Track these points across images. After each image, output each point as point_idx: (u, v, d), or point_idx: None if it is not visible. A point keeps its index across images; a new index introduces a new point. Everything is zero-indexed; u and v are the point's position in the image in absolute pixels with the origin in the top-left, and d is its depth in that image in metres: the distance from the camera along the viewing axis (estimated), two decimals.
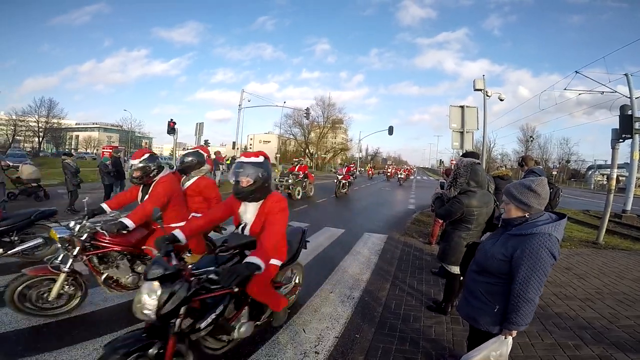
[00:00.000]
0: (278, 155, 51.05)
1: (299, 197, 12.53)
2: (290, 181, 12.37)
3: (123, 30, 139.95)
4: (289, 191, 12.36)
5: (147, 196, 3.29)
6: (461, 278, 3.35)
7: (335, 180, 14.88)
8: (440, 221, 6.22)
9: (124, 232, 3.03)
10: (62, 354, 2.49)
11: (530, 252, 1.71)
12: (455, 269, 3.25)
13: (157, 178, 3.33)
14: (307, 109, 33.73)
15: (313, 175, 14.44)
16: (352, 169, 18.21)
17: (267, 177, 2.51)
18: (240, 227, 2.63)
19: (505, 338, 1.84)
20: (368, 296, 3.97)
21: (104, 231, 2.97)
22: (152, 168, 3.31)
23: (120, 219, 3.03)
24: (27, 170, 9.49)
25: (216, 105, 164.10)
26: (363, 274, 4.72)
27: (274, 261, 2.68)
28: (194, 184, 3.70)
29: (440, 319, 3.39)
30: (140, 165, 3.26)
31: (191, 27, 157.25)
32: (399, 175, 28.25)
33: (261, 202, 2.56)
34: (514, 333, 1.83)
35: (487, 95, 9.53)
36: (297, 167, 13.40)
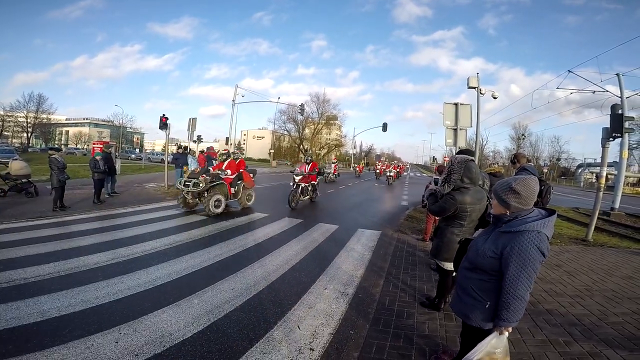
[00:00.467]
0: (272, 151, 50.78)
1: (219, 210, 8.07)
2: (201, 185, 7.96)
3: (118, 25, 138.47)
4: (202, 201, 8.18)
5: None
6: (454, 274, 3.39)
7: (292, 183, 10.32)
8: (433, 218, 6.26)
9: None
10: (53, 353, 2.46)
11: (519, 249, 1.73)
12: (449, 265, 3.27)
13: None
14: (302, 105, 33.64)
15: (252, 176, 10.09)
16: (317, 166, 11.94)
17: None
18: None
19: (500, 334, 1.85)
20: (362, 292, 3.99)
21: None
22: None
23: None
24: (16, 166, 9.32)
25: (210, 100, 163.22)
26: (357, 270, 4.74)
27: None
28: None
29: (434, 315, 3.41)
30: None
31: (186, 22, 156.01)
32: (388, 174, 23.58)
33: None
34: (510, 329, 1.85)
35: (481, 93, 9.61)
36: (225, 164, 9.05)
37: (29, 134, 53.79)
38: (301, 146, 62.50)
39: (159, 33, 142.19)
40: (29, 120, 52.21)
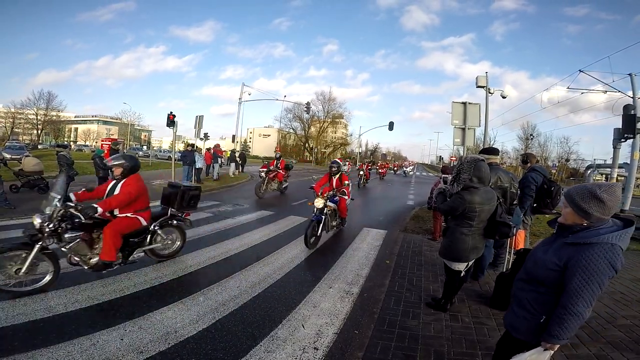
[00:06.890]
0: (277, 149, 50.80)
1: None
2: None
3: (144, 27, 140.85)
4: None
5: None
6: (462, 274, 3.35)
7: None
8: (440, 217, 6.20)
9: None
10: (59, 350, 2.47)
11: (587, 262, 1.55)
12: (457, 266, 3.23)
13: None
14: (308, 103, 33.59)
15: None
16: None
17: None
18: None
19: (544, 350, 1.68)
20: (367, 292, 3.97)
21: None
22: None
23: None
24: (29, 163, 9.46)
25: (221, 100, 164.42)
26: (362, 270, 4.72)
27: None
28: None
29: (439, 316, 3.38)
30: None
31: (209, 26, 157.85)
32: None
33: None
34: (556, 347, 1.67)
35: (490, 93, 9.50)
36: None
37: (39, 131, 54.53)
38: (307, 144, 62.57)
39: (182, 36, 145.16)
40: (39, 118, 52.94)
